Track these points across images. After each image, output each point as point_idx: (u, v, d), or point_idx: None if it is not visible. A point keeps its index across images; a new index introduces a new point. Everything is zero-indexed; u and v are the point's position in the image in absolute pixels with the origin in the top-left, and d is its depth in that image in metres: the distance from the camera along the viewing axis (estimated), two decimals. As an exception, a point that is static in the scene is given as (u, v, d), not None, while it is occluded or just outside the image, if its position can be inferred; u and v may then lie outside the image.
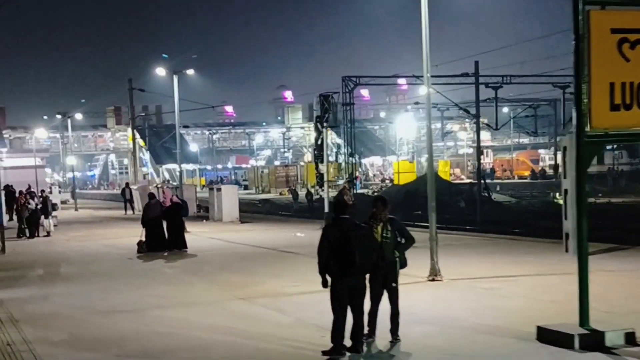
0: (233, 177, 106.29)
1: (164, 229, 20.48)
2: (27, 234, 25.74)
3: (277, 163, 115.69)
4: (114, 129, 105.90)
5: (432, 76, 38.28)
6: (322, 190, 30.98)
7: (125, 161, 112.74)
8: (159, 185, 42.39)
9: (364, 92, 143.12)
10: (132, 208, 40.45)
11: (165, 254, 19.83)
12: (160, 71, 32.85)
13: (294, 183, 70.22)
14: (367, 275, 8.82)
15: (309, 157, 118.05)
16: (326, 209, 27.45)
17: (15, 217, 28.79)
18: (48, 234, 26.39)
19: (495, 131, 74.85)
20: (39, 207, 26.17)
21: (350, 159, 51.81)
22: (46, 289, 14.65)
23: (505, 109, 78.37)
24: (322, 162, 29.38)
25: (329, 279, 8.68)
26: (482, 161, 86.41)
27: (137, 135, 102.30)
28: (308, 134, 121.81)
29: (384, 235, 8.94)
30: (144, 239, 20.25)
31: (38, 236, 25.97)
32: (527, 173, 75.35)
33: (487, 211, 32.73)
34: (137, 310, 12.10)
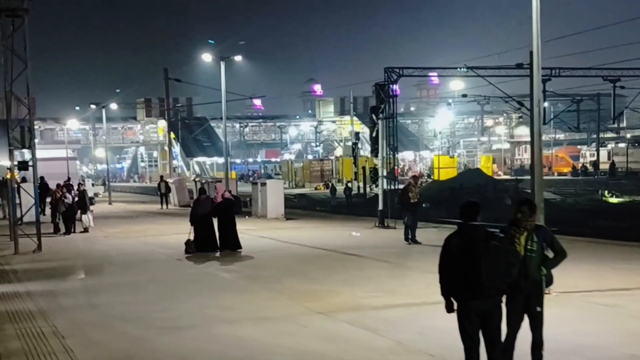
0: (262, 171, 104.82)
1: (214, 227, 18.79)
2: (63, 230, 24.22)
3: (309, 157, 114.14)
4: (143, 121, 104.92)
5: (478, 67, 35.84)
6: (376, 186, 29.16)
7: (155, 154, 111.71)
8: (199, 179, 40.64)
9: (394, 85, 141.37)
10: (167, 202, 39.07)
11: (217, 254, 18.18)
12: (207, 57, 31.28)
13: (329, 177, 68.42)
14: (504, 297, 7.00)
15: (340, 151, 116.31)
16: (380, 206, 25.68)
17: (48, 212, 27.29)
18: (85, 229, 24.88)
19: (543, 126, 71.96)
20: (75, 200, 24.63)
21: (388, 153, 49.87)
22: (93, 296, 13.00)
23: (546, 104, 75.86)
24: (377, 155, 27.58)
25: (454, 301, 6.89)
26: (520, 157, 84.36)
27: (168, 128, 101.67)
28: (340, 127, 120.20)
29: (529, 247, 7.12)
30: (192, 237, 18.59)
31: (74, 232, 24.46)
32: (567, 170, 72.73)
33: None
34: (202, 325, 10.39)
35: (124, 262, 17.37)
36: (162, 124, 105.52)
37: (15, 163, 19.68)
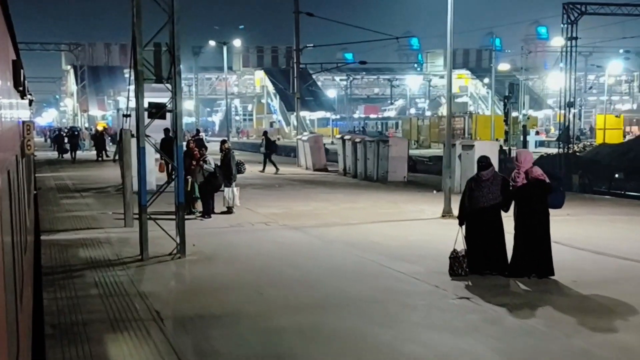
0: (361, 128, 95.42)
1: (503, 231, 10.25)
2: (199, 211, 16.18)
3: (412, 112, 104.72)
4: (240, 72, 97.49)
5: None
6: None
7: (250, 107, 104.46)
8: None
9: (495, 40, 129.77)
10: (272, 163, 30.02)
11: (511, 280, 9.68)
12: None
13: (461, 137, 59.10)
14: None
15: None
16: None
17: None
18: (229, 209, 16.81)
19: None
20: (217, 165, 16.52)
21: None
22: None
23: None
24: None
25: None
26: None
27: (266, 79, 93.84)
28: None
29: None
30: (459, 248, 10.14)
31: (214, 213, 16.42)
32: None
33: None
34: None
35: (356, 299, 9.01)
36: (260, 74, 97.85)
37: (146, 105, 11.54)
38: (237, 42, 63.29)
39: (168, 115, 11.90)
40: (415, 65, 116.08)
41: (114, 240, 13.46)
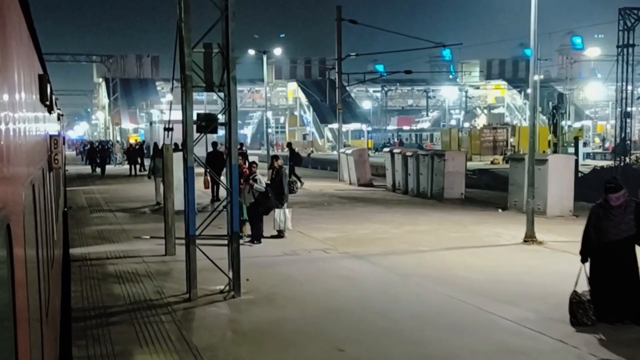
0: (396, 140, 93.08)
1: (638, 269, 8.27)
2: (247, 235, 14.34)
3: (444, 125, 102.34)
4: (272, 83, 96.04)
5: None
6: None
7: (282, 119, 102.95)
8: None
9: (527, 50, 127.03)
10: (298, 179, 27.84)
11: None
12: None
13: (504, 149, 56.89)
14: None
15: (483, 119, 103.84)
16: None
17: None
18: (279, 233, 14.96)
19: None
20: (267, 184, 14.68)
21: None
22: None
23: None
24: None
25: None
26: None
27: (299, 91, 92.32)
28: (485, 93, 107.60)
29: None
30: (583, 290, 8.18)
31: (264, 237, 14.58)
32: None
33: None
34: None
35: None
36: (292, 86, 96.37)
37: (195, 117, 9.72)
38: (277, 51, 61.72)
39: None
40: (451, 76, 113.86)
41: (154, 272, 11.67)
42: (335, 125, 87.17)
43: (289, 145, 31.94)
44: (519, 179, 19.52)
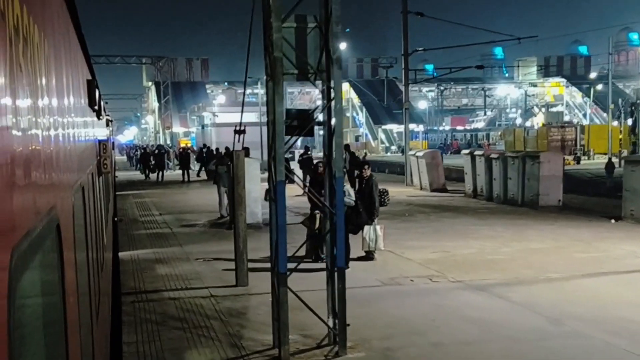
0: (450, 140, 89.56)
1: None
2: (319, 257, 11.80)
3: (500, 125, 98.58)
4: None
5: None
6: None
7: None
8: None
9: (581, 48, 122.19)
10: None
11: None
12: None
13: (573, 149, 53.41)
14: None
15: (541, 117, 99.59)
16: None
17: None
18: (368, 254, 12.44)
19: None
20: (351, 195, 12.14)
21: None
22: None
23: None
24: None
25: None
26: None
27: (352, 91, 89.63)
28: (543, 91, 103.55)
29: None
30: None
31: (351, 259, 12.04)
32: None
33: None
34: None
35: None
36: (345, 86, 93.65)
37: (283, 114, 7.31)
38: (342, 46, 59.27)
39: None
40: (507, 74, 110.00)
41: (226, 311, 9.24)
42: (389, 126, 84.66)
43: (347, 147, 29.46)
44: (635, 185, 16.69)
